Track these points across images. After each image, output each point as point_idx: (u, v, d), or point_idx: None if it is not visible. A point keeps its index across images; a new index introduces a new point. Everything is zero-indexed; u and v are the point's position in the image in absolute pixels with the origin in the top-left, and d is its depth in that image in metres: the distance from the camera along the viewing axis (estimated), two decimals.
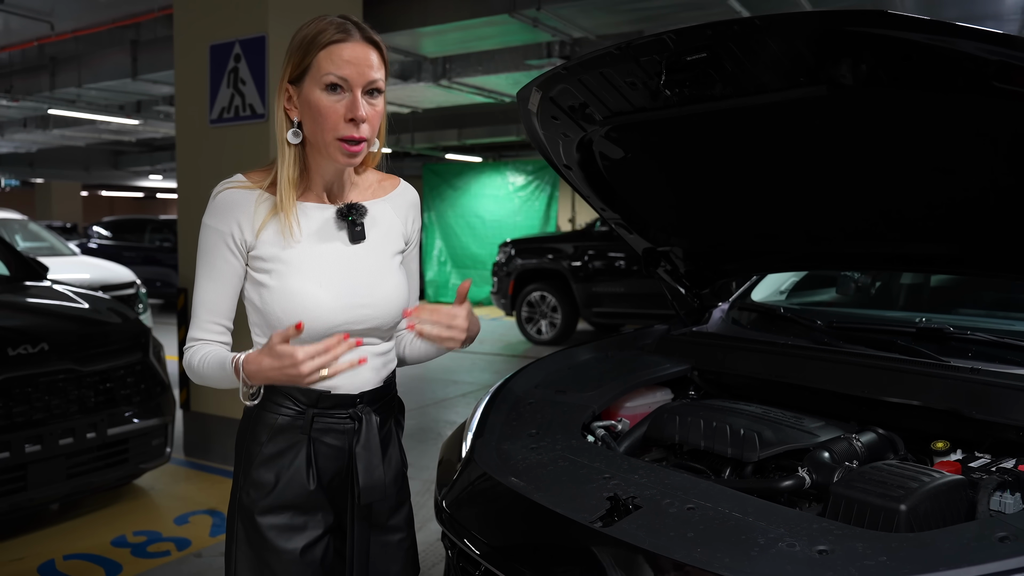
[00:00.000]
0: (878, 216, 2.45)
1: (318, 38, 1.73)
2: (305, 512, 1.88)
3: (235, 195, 1.82)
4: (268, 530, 1.85)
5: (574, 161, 2.72)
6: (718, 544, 1.64)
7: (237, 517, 1.90)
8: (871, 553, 1.54)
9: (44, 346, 4.29)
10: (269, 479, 1.86)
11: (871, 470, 1.92)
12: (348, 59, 1.72)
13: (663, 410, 2.58)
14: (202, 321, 1.86)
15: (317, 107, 1.74)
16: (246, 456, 1.89)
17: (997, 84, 1.66)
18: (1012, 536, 1.51)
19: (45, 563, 4.11)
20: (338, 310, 1.82)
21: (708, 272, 3.13)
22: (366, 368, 1.90)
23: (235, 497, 1.92)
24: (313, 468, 1.87)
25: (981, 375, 2.23)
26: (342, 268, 1.85)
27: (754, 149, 2.40)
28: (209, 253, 1.83)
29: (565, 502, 1.90)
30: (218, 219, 1.81)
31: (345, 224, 1.87)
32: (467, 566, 2.11)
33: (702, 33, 1.94)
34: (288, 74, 1.79)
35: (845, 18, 1.72)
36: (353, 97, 1.74)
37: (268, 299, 1.81)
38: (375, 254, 1.91)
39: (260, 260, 1.82)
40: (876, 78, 1.82)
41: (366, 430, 1.89)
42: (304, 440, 1.86)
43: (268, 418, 1.87)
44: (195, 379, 1.88)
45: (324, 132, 1.76)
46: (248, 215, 1.81)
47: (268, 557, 1.86)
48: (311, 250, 1.83)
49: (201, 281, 1.85)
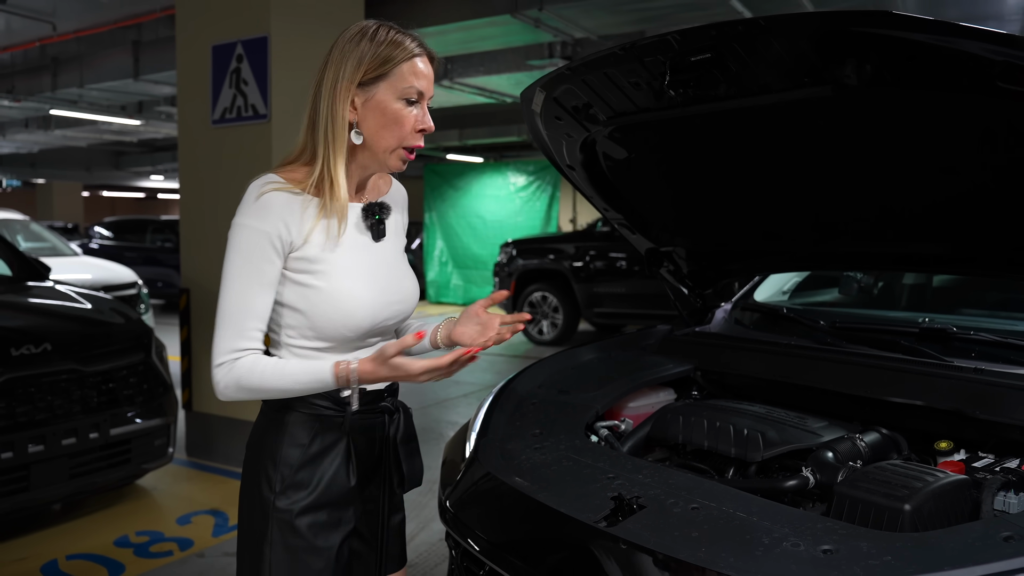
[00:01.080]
0: (882, 216, 2.45)
1: (401, 47, 1.78)
2: (341, 508, 1.90)
3: (281, 197, 1.79)
4: (308, 529, 1.85)
5: (577, 161, 2.72)
6: (723, 543, 1.64)
7: (272, 522, 1.85)
8: (876, 553, 1.54)
9: (47, 346, 4.29)
10: (312, 479, 1.86)
11: (875, 470, 1.92)
12: (426, 74, 1.82)
13: (666, 410, 2.58)
14: (248, 329, 1.78)
15: (394, 114, 1.79)
16: (283, 460, 1.86)
17: (1001, 84, 1.67)
18: (1017, 536, 1.51)
19: (48, 563, 4.11)
20: (379, 308, 1.86)
21: (711, 272, 3.13)
22: None
23: (266, 502, 1.86)
24: (352, 463, 1.89)
25: (984, 375, 2.24)
26: (375, 266, 1.89)
27: (758, 149, 2.41)
28: (253, 255, 1.77)
29: (569, 502, 1.90)
30: (262, 220, 1.77)
31: (370, 222, 1.91)
32: (471, 565, 2.11)
33: (706, 33, 1.94)
34: (359, 77, 1.78)
35: (849, 19, 1.72)
36: (423, 109, 1.83)
37: (316, 300, 1.80)
38: (393, 250, 1.97)
39: (305, 261, 1.80)
40: (880, 78, 1.83)
41: (403, 421, 1.96)
42: (343, 438, 1.88)
43: (307, 420, 1.86)
44: (242, 394, 1.78)
45: (392, 138, 1.81)
46: (296, 217, 1.79)
47: (308, 557, 1.85)
48: (349, 250, 1.86)
49: (242, 285, 1.78)
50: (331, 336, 1.83)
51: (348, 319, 1.81)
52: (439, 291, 17.10)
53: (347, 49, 1.79)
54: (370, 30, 1.80)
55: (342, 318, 1.80)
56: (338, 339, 1.83)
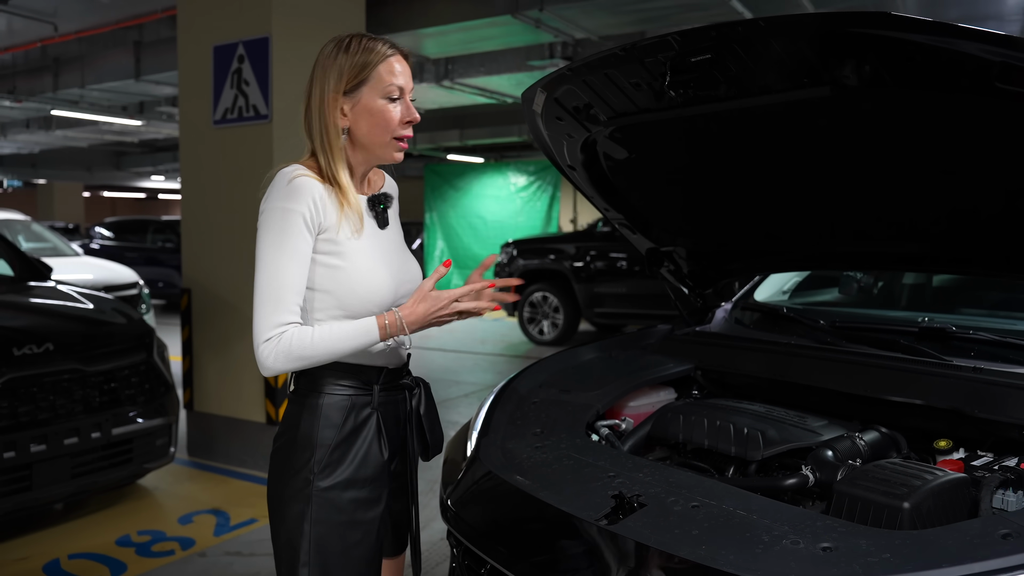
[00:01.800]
0: (881, 216, 2.46)
1: (375, 52, 1.97)
2: (380, 485, 2.06)
3: (310, 182, 1.94)
4: (348, 504, 1.99)
5: (578, 162, 2.73)
6: (723, 541, 1.65)
7: (311, 502, 1.97)
8: (875, 550, 1.55)
9: (49, 346, 4.31)
10: (348, 456, 2.01)
11: (874, 468, 1.93)
12: (401, 71, 2.00)
13: (667, 409, 2.59)
14: (290, 303, 1.90)
15: (381, 113, 1.98)
16: (319, 442, 1.99)
17: (1000, 85, 1.68)
18: (1015, 533, 1.52)
19: (50, 562, 4.12)
20: (397, 285, 2.06)
21: (711, 272, 3.14)
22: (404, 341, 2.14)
23: (305, 484, 1.98)
24: (383, 438, 2.05)
25: (983, 374, 2.24)
26: (386, 250, 2.08)
27: (758, 150, 2.41)
28: (287, 233, 1.90)
29: (570, 500, 1.91)
30: (296, 201, 1.91)
31: (375, 211, 2.09)
32: (473, 564, 2.12)
33: (706, 34, 1.96)
34: (343, 87, 1.97)
35: (849, 19, 1.73)
36: (407, 103, 2.02)
37: (342, 279, 1.96)
38: (397, 236, 2.16)
39: (333, 243, 1.96)
40: (879, 79, 1.84)
41: (424, 395, 2.17)
42: (373, 415, 2.05)
43: (339, 401, 2.01)
44: (296, 363, 1.89)
45: (384, 134, 2.00)
46: (323, 199, 1.95)
47: (347, 531, 2.00)
48: (364, 236, 2.03)
49: (279, 262, 1.89)
50: (357, 312, 1.99)
51: (374, 295, 1.99)
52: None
53: (327, 64, 1.98)
54: (344, 43, 1.98)
55: (368, 294, 1.98)
56: (364, 315, 1.99)
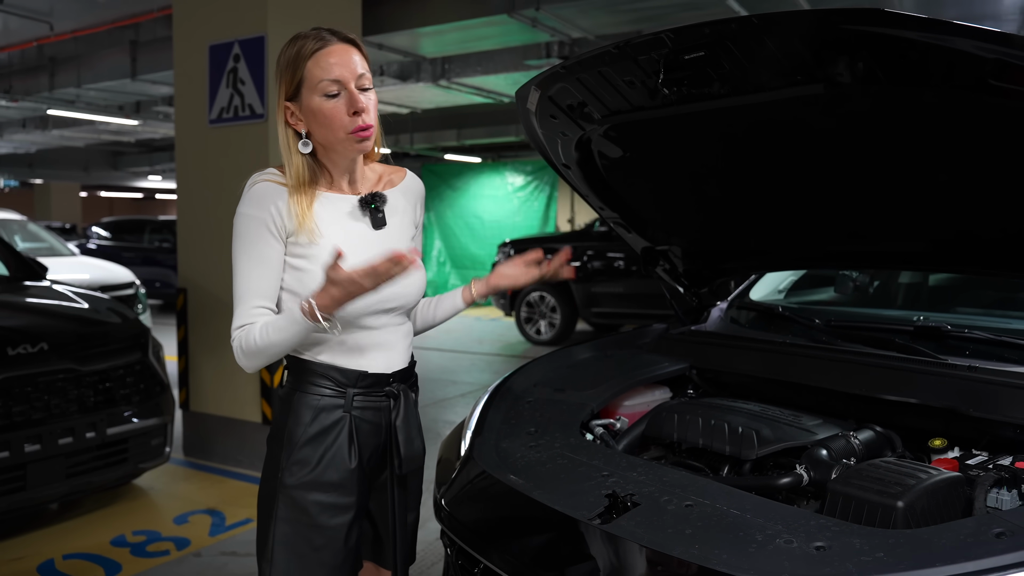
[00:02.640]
0: (877, 215, 2.45)
1: (302, 52, 1.91)
2: (347, 493, 2.00)
3: (270, 187, 1.95)
4: (312, 506, 1.97)
5: (573, 160, 2.72)
6: (716, 540, 1.65)
7: (278, 497, 1.98)
8: (868, 549, 1.55)
9: (44, 346, 4.29)
10: (313, 456, 1.97)
11: (869, 467, 1.93)
12: (335, 62, 1.90)
13: (661, 408, 2.58)
14: (249, 307, 1.93)
15: (322, 113, 1.90)
16: (288, 438, 1.99)
17: (994, 82, 1.67)
18: (1008, 532, 1.52)
19: (44, 562, 4.11)
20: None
21: (707, 271, 3.14)
22: (396, 349, 2.09)
23: (273, 480, 2.00)
24: (355, 445, 2.00)
25: (979, 373, 2.24)
26: (369, 251, 1.95)
27: (753, 148, 2.41)
28: (251, 240, 1.93)
29: (564, 499, 1.91)
30: (257, 207, 1.93)
31: (368, 212, 2.03)
32: (466, 563, 2.12)
33: (700, 32, 1.95)
34: (284, 93, 1.94)
35: (842, 16, 1.73)
36: (351, 93, 1.90)
37: (307, 281, 1.92)
38: (395, 238, 2.08)
39: (298, 246, 1.94)
40: (873, 76, 1.83)
41: (404, 405, 2.08)
42: (346, 419, 2.00)
43: (311, 400, 1.99)
44: (254, 359, 1.92)
45: (335, 132, 1.92)
46: (285, 202, 1.94)
47: (310, 533, 1.97)
48: (341, 236, 1.97)
49: (244, 268, 1.93)
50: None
51: None
52: (437, 291, 16.91)
53: (276, 71, 1.97)
54: (285, 47, 1.94)
55: None
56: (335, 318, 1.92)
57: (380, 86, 10.32)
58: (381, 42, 8.47)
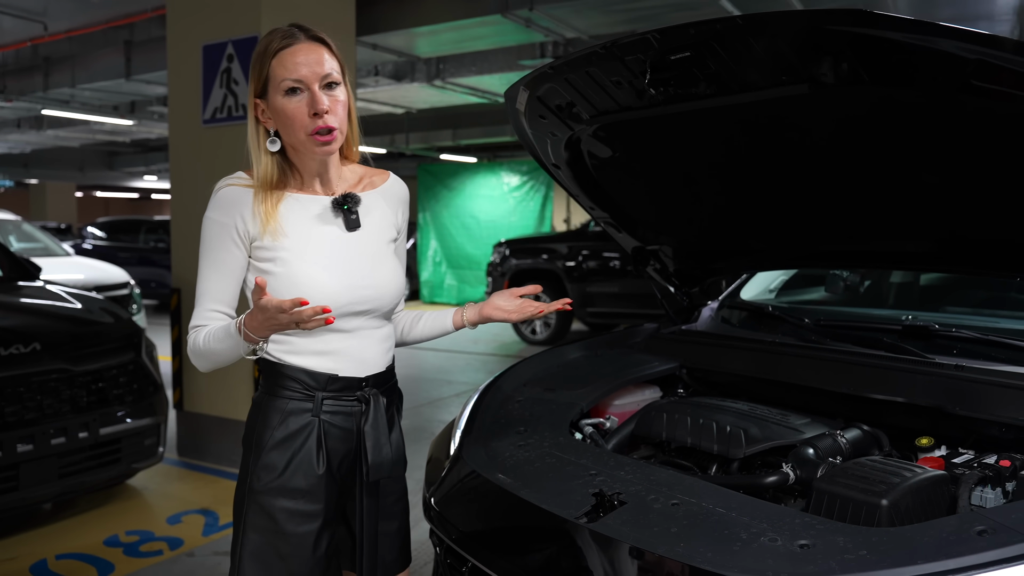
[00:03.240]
0: (865, 215, 2.46)
1: (267, 49, 1.89)
2: (315, 500, 1.95)
3: (237, 191, 1.93)
4: (279, 512, 1.92)
5: (562, 160, 2.73)
6: (701, 539, 1.66)
7: (246, 504, 1.95)
8: (851, 547, 1.56)
9: (36, 346, 4.30)
10: (280, 461, 1.93)
11: (854, 466, 1.94)
12: (299, 61, 1.87)
13: (651, 407, 2.59)
14: (205, 310, 1.93)
15: (284, 112, 1.88)
16: (257, 442, 1.96)
17: (976, 83, 1.68)
18: (990, 529, 1.52)
19: (37, 563, 4.11)
20: (341, 291, 1.93)
21: (697, 271, 3.14)
22: (371, 352, 2.03)
23: (244, 484, 1.97)
24: (323, 451, 1.95)
25: (965, 372, 2.25)
26: (341, 253, 1.96)
27: (741, 148, 2.42)
28: (213, 245, 1.93)
29: (551, 498, 1.91)
30: (222, 212, 1.92)
31: (341, 213, 1.99)
32: (455, 562, 2.12)
33: (685, 32, 1.96)
34: (253, 90, 1.93)
35: (826, 17, 1.74)
36: (312, 93, 1.87)
37: (275, 285, 1.89)
38: (371, 241, 2.02)
39: (264, 249, 1.92)
40: (857, 77, 1.84)
41: (374, 411, 2.00)
42: (315, 423, 1.95)
43: (279, 403, 1.96)
44: (200, 361, 1.94)
45: (296, 132, 1.89)
46: (250, 208, 1.92)
47: (277, 541, 1.92)
48: (311, 238, 1.95)
49: (204, 272, 1.94)
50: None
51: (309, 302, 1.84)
52: (433, 291, 17.09)
53: (250, 67, 1.95)
54: (258, 44, 1.93)
55: None
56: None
57: (375, 86, 10.33)
58: (376, 42, 8.47)
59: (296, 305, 1.66)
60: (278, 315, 1.69)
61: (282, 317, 1.69)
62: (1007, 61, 1.60)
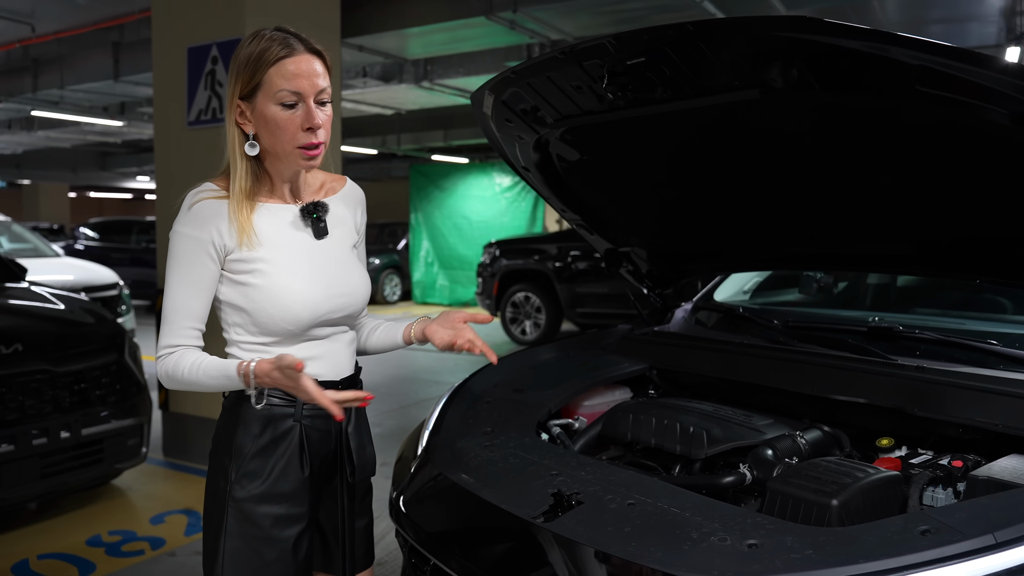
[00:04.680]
0: (826, 217, 2.49)
1: (265, 55, 1.82)
2: (299, 503, 1.97)
3: (211, 205, 1.89)
4: (264, 519, 1.92)
5: (532, 163, 2.75)
6: (653, 538, 1.68)
7: (228, 511, 1.93)
8: (798, 547, 1.58)
9: (18, 347, 4.31)
10: (264, 468, 1.93)
11: (808, 466, 1.96)
12: (298, 73, 1.82)
13: (618, 408, 2.61)
14: (180, 328, 1.90)
15: (275, 121, 1.83)
16: (237, 450, 1.94)
17: (921, 88, 1.71)
18: (934, 529, 1.55)
19: (19, 563, 4.12)
20: (321, 301, 1.93)
21: (669, 272, 3.16)
22: (342, 355, 2.04)
23: (222, 492, 1.95)
24: (306, 454, 1.96)
25: (926, 373, 2.28)
26: (314, 262, 1.96)
27: (703, 151, 2.44)
28: (187, 260, 1.88)
29: (511, 498, 1.94)
30: (197, 228, 1.87)
31: (310, 221, 1.98)
32: (419, 562, 2.15)
33: (639, 38, 1.98)
34: (239, 91, 1.86)
35: (773, 24, 1.76)
36: (308, 108, 1.84)
37: (256, 297, 1.89)
38: (338, 247, 2.03)
39: (241, 262, 1.89)
40: (806, 82, 1.86)
41: (355, 413, 2.04)
42: (296, 428, 1.95)
43: (261, 410, 1.93)
44: (175, 385, 1.90)
45: (284, 143, 1.85)
46: (226, 220, 1.89)
47: (262, 547, 1.92)
48: (285, 248, 1.93)
49: (178, 288, 1.89)
50: (272, 331, 1.91)
51: (287, 314, 1.89)
52: (425, 291, 17.10)
53: (233, 65, 1.88)
54: (247, 42, 1.86)
55: (281, 313, 1.89)
56: (280, 333, 1.91)
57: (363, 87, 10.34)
58: (362, 44, 8.49)
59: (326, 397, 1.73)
60: (299, 387, 1.73)
61: (301, 394, 1.75)
62: (950, 67, 1.62)
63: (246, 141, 1.89)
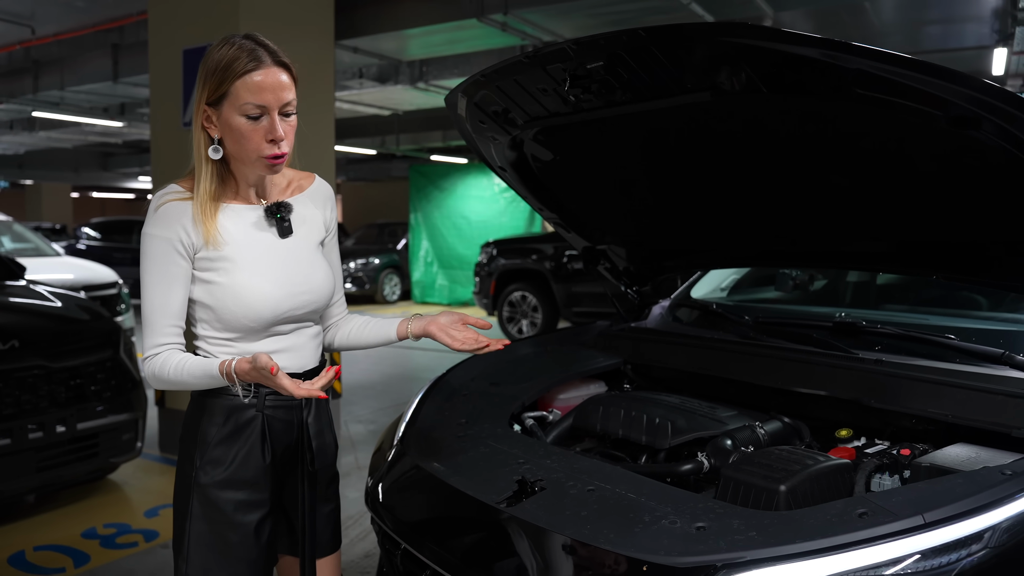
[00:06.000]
0: (791, 215, 2.56)
1: (232, 67, 1.85)
2: (260, 490, 2.03)
3: (176, 206, 1.94)
4: (226, 504, 1.99)
5: (508, 163, 2.83)
6: (607, 522, 1.77)
7: (193, 496, 2.01)
8: (744, 529, 1.66)
9: (15, 343, 4.39)
10: (227, 456, 2.00)
11: (760, 454, 2.04)
12: (263, 87, 1.86)
13: (589, 401, 2.69)
14: (162, 326, 1.95)
15: (239, 132, 1.88)
16: (202, 438, 2.01)
17: (858, 91, 1.78)
18: (871, 512, 1.63)
19: (15, 554, 4.21)
20: (282, 299, 1.99)
21: (646, 269, 3.24)
22: (306, 349, 2.10)
23: (188, 478, 2.02)
24: (267, 443, 2.02)
25: (884, 366, 2.36)
26: (278, 261, 2.01)
27: (666, 151, 2.52)
28: (159, 261, 1.93)
29: (477, 485, 2.03)
30: (163, 228, 1.93)
31: (274, 221, 2.03)
32: (391, 547, 2.23)
33: (596, 43, 2.05)
34: (205, 97, 1.90)
35: (719, 30, 1.84)
36: (272, 120, 1.89)
37: (220, 295, 1.95)
38: (303, 245, 2.08)
39: (207, 260, 1.95)
40: (754, 85, 1.94)
41: (315, 403, 2.12)
42: (258, 417, 2.01)
43: (224, 400, 2.00)
44: (162, 385, 1.95)
45: (248, 152, 1.91)
46: (191, 219, 1.94)
47: (225, 531, 2.00)
48: (249, 247, 1.99)
49: (154, 288, 1.94)
50: (235, 327, 1.97)
51: (249, 311, 1.95)
52: (424, 291, 17.16)
53: (201, 70, 1.91)
54: (216, 48, 1.89)
55: (243, 310, 1.95)
56: (242, 329, 1.98)
57: (360, 88, 10.40)
58: (356, 45, 8.54)
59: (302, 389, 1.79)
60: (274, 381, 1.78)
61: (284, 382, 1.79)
62: (883, 70, 1.70)
63: (211, 145, 1.93)
